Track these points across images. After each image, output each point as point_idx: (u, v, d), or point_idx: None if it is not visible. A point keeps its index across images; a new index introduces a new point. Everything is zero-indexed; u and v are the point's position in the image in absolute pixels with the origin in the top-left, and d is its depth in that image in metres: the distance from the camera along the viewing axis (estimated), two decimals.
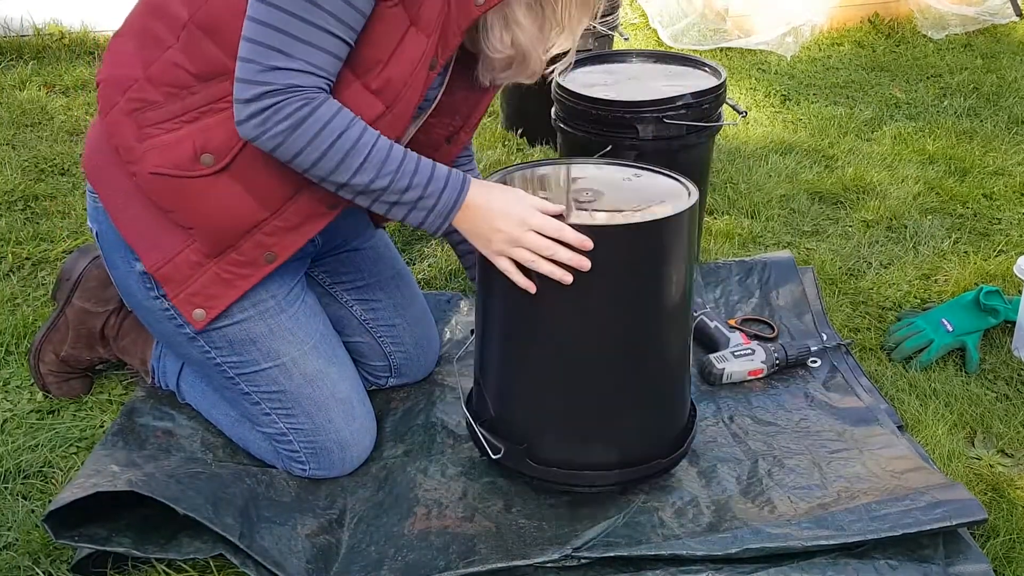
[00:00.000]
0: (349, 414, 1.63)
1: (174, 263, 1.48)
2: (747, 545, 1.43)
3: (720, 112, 2.25)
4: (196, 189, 1.44)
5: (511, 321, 1.51)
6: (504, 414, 1.57)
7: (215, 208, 1.45)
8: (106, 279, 1.79)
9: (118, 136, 1.46)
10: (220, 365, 1.58)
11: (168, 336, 1.59)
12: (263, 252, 1.49)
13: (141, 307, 1.58)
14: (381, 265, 1.81)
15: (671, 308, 1.50)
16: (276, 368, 1.57)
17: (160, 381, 1.79)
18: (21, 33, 3.78)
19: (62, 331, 1.81)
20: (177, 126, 1.42)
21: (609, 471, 1.54)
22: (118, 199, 1.49)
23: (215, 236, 1.47)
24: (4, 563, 1.47)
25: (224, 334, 1.55)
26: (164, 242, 1.48)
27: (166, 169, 1.43)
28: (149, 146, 1.43)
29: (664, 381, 1.56)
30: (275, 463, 1.66)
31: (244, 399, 1.61)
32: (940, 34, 4.21)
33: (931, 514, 1.48)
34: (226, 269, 1.49)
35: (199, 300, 1.50)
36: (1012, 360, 2.01)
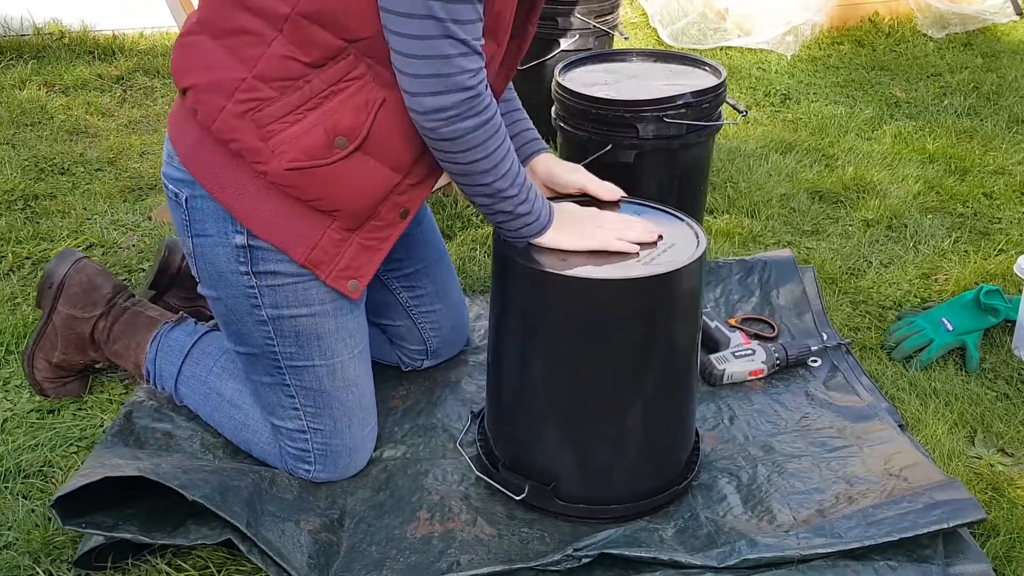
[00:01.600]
0: (365, 421, 1.66)
1: (321, 247, 1.49)
2: (744, 556, 1.44)
3: (720, 111, 2.24)
4: (336, 174, 1.44)
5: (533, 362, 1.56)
6: (525, 454, 1.60)
7: (356, 187, 1.46)
8: (88, 284, 1.78)
9: (237, 140, 1.42)
10: (275, 353, 1.58)
11: (237, 314, 1.56)
12: (398, 211, 1.53)
13: (222, 280, 1.54)
14: (427, 249, 1.85)
15: (685, 349, 1.55)
16: (325, 368, 1.59)
17: (156, 384, 1.79)
18: (21, 32, 3.78)
19: (51, 338, 1.80)
20: (300, 116, 1.40)
21: (631, 503, 1.58)
22: (247, 201, 1.46)
23: (356, 213, 1.49)
24: (4, 562, 1.47)
25: (295, 325, 1.55)
26: (306, 230, 1.48)
27: (302, 162, 1.42)
28: (277, 143, 1.41)
29: (681, 414, 1.61)
30: (277, 463, 1.67)
31: (281, 390, 1.61)
32: (940, 33, 4.21)
33: (929, 516, 1.48)
34: (367, 237, 1.52)
35: (350, 272, 1.52)
36: (1012, 359, 2.01)
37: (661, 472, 1.61)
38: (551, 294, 1.48)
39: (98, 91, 3.43)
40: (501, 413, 1.65)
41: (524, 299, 1.52)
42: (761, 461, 1.69)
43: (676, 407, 1.59)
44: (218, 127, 1.43)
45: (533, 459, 1.59)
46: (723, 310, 2.17)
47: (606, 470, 1.57)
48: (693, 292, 1.51)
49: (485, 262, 2.36)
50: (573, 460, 1.57)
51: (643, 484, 1.59)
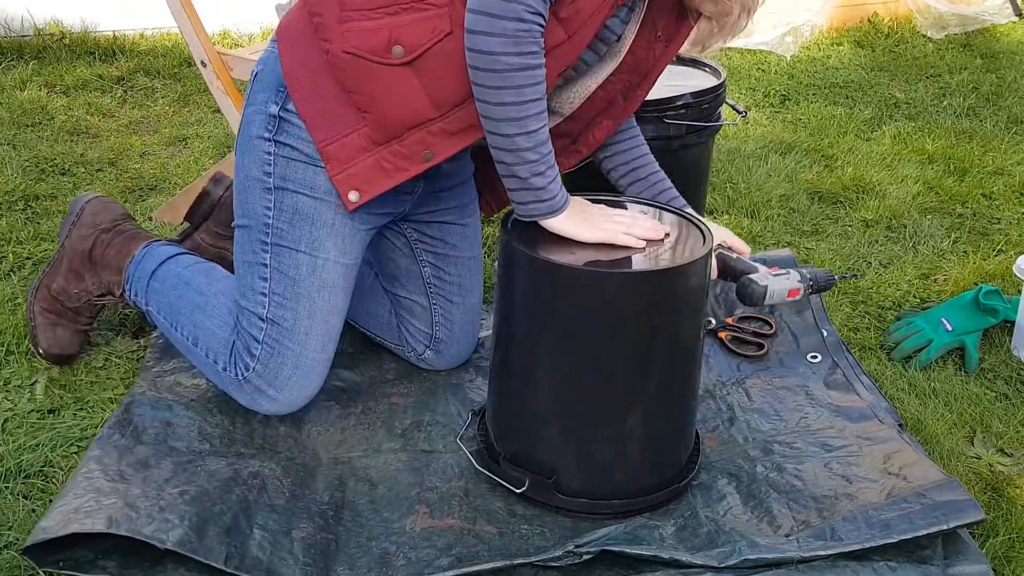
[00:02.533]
0: (322, 343, 1.67)
1: (342, 143, 1.56)
2: (745, 556, 1.45)
3: (720, 112, 2.25)
4: (381, 75, 1.52)
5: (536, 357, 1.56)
6: (527, 448, 1.61)
7: (393, 97, 1.52)
8: (100, 207, 1.92)
9: (320, 13, 1.55)
10: (268, 226, 1.64)
11: (249, 180, 1.64)
12: (423, 149, 1.56)
13: (249, 143, 1.64)
14: (464, 244, 1.88)
15: (688, 345, 1.55)
16: (308, 257, 1.63)
17: (131, 288, 1.85)
18: (21, 33, 3.78)
19: (57, 265, 1.91)
20: (378, 16, 1.51)
21: (631, 499, 1.58)
22: (303, 72, 1.57)
23: (385, 124, 1.54)
24: (5, 562, 1.47)
25: (296, 201, 1.61)
26: (337, 121, 1.56)
27: (359, 51, 1.52)
28: (347, 28, 1.52)
29: (684, 411, 1.62)
30: (219, 357, 1.71)
31: (258, 269, 1.65)
32: (939, 34, 4.21)
33: (928, 517, 1.48)
34: (387, 158, 1.56)
35: (357, 183, 1.57)
36: (1011, 360, 2.01)
37: (662, 468, 1.61)
38: (556, 286, 1.48)
39: (99, 92, 3.43)
40: (502, 406, 1.65)
41: (529, 291, 1.53)
42: (761, 461, 1.69)
43: (679, 403, 1.59)
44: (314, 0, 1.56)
45: (534, 453, 1.59)
46: (722, 308, 2.18)
47: (607, 465, 1.58)
48: (698, 289, 1.51)
49: (486, 263, 2.36)
50: (574, 454, 1.57)
51: (644, 480, 1.59)
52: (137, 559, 1.45)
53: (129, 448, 1.66)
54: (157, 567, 1.45)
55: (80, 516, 1.44)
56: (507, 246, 1.53)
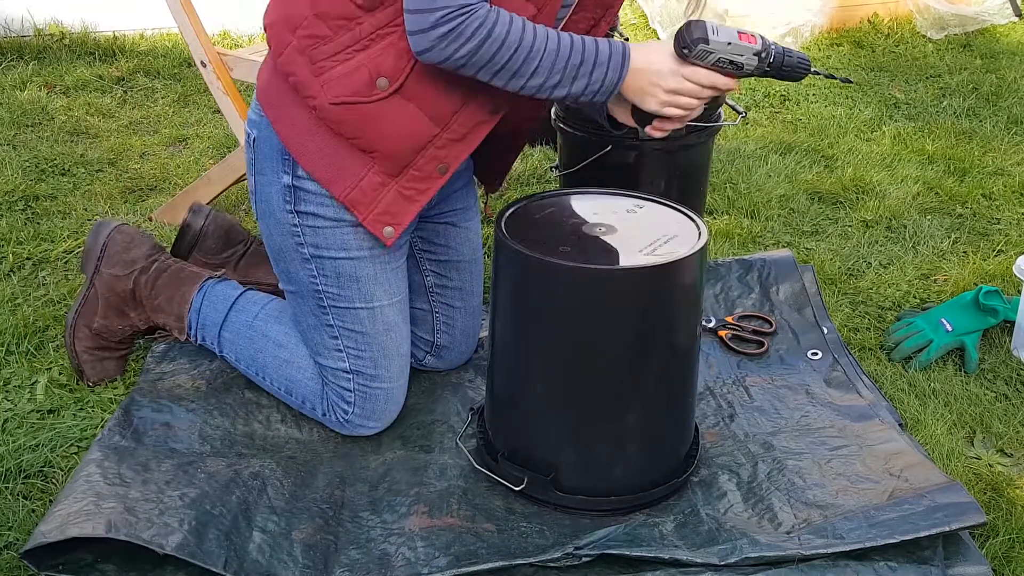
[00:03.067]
0: (402, 370, 1.74)
1: (360, 188, 1.56)
2: (746, 555, 1.45)
3: (720, 112, 2.25)
4: (375, 113, 1.52)
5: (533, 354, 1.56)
6: (525, 445, 1.61)
7: (393, 129, 1.53)
8: (127, 243, 1.88)
9: (294, 73, 1.54)
10: (319, 292, 1.67)
11: (284, 251, 1.67)
12: (437, 165, 1.57)
13: (272, 216, 1.65)
14: (467, 247, 1.89)
15: (685, 341, 1.55)
16: (366, 311, 1.67)
17: (197, 335, 1.85)
18: (21, 33, 3.78)
19: (92, 304, 1.87)
20: (349, 56, 1.50)
21: (630, 495, 1.59)
22: (298, 134, 1.57)
23: (393, 157, 1.55)
24: (5, 562, 1.47)
25: (336, 266, 1.64)
26: (348, 169, 1.56)
27: (346, 97, 1.51)
28: (326, 79, 1.51)
29: (681, 407, 1.62)
30: (316, 406, 1.75)
31: (326, 330, 1.70)
32: (939, 34, 4.21)
33: (930, 519, 1.48)
34: (406, 186, 1.57)
35: (387, 219, 1.58)
36: (1011, 360, 2.01)
37: (661, 464, 1.61)
38: (550, 283, 1.49)
39: (99, 92, 3.43)
40: (501, 405, 1.65)
41: (523, 288, 1.53)
42: (761, 458, 1.69)
43: (677, 399, 1.59)
44: (283, 60, 1.55)
45: (532, 451, 1.59)
46: (722, 307, 2.18)
47: (605, 461, 1.58)
48: (694, 285, 1.51)
49: (486, 262, 2.36)
50: (572, 451, 1.57)
51: (643, 476, 1.59)
52: (136, 562, 1.45)
53: (129, 451, 1.65)
54: (156, 570, 1.45)
55: (79, 520, 1.43)
56: (501, 244, 1.53)
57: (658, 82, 1.50)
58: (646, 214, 1.62)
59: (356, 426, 1.73)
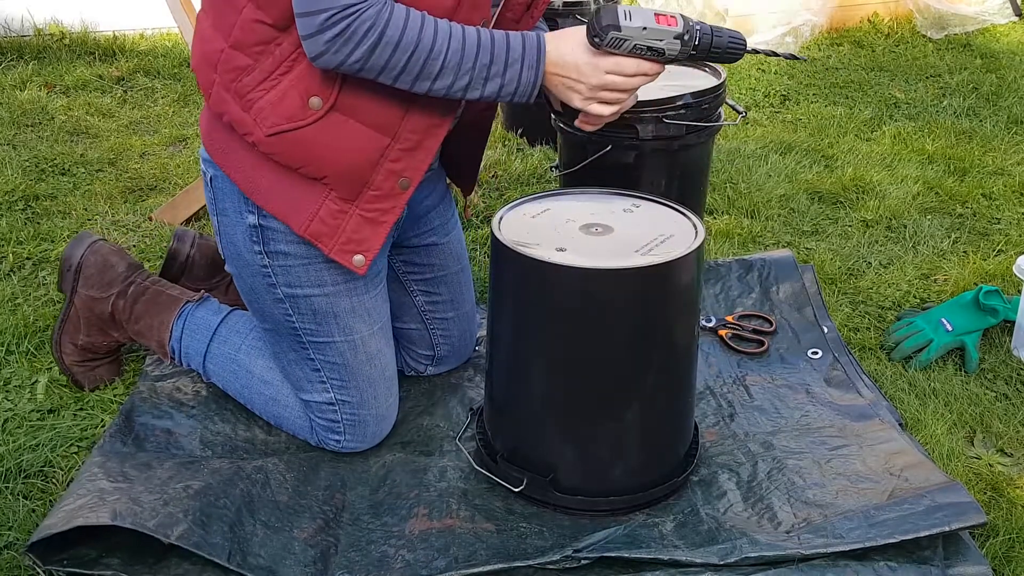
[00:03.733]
0: (388, 391, 1.72)
1: (319, 218, 1.50)
2: (745, 554, 1.45)
3: (720, 112, 2.25)
4: (315, 135, 1.45)
5: (531, 354, 1.56)
6: (524, 446, 1.61)
7: (337, 149, 1.45)
8: (103, 265, 1.82)
9: (227, 112, 1.47)
10: (296, 330, 1.63)
11: (256, 292, 1.62)
12: (397, 180, 1.50)
13: (240, 259, 1.60)
14: (451, 260, 1.87)
15: (683, 340, 1.55)
16: (346, 343, 1.64)
17: (181, 361, 1.82)
18: (21, 33, 3.78)
19: (74, 321, 1.84)
20: (275, 82, 1.43)
21: (629, 495, 1.59)
22: (246, 172, 1.51)
23: (346, 178, 1.48)
24: (5, 562, 1.47)
25: (311, 304, 1.60)
26: (304, 201, 1.49)
27: (280, 126, 1.44)
28: (257, 111, 1.44)
29: (680, 406, 1.62)
30: (308, 438, 1.73)
31: (306, 364, 1.66)
32: (939, 34, 4.21)
33: (930, 519, 1.48)
34: (367, 209, 1.51)
35: (352, 247, 1.52)
36: (1011, 360, 2.01)
37: (660, 464, 1.61)
38: (549, 284, 1.48)
39: (99, 92, 3.43)
40: (500, 406, 1.65)
41: (521, 289, 1.53)
42: (761, 458, 1.69)
43: (675, 398, 1.59)
44: (213, 101, 1.49)
45: (532, 451, 1.59)
46: (722, 306, 2.18)
47: (605, 462, 1.58)
48: (691, 284, 1.51)
49: (485, 262, 2.36)
50: (572, 452, 1.57)
51: (642, 476, 1.59)
52: (141, 556, 1.45)
53: (131, 455, 1.66)
54: (161, 563, 1.45)
55: (84, 512, 1.44)
56: (498, 245, 1.53)
57: (578, 79, 1.43)
58: (643, 213, 1.62)
59: (352, 448, 1.71)
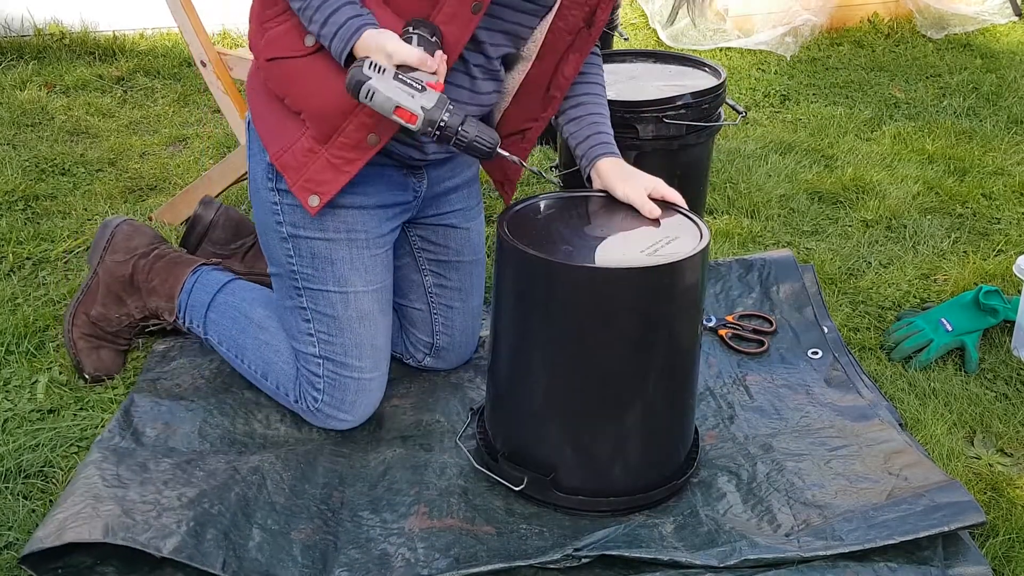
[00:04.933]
0: (376, 363, 1.73)
1: (292, 151, 1.59)
2: (745, 556, 1.45)
3: (720, 112, 2.25)
4: (302, 69, 1.56)
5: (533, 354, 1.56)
6: (525, 446, 1.61)
7: (317, 88, 1.55)
8: (132, 232, 1.94)
9: (253, 40, 1.62)
10: (295, 272, 1.69)
11: (266, 229, 1.70)
12: (366, 133, 1.56)
13: (257, 195, 1.70)
14: (467, 249, 1.89)
15: (686, 342, 1.55)
16: (339, 295, 1.68)
17: (185, 317, 1.88)
18: (21, 33, 3.78)
19: (93, 292, 1.91)
20: (288, 16, 1.56)
21: (629, 496, 1.58)
22: (255, 97, 1.66)
23: (321, 118, 1.56)
24: (5, 562, 1.47)
25: (311, 246, 1.66)
26: (284, 132, 1.60)
27: (277, 53, 1.57)
28: (268, 38, 1.59)
29: (682, 408, 1.62)
30: (290, 391, 1.76)
31: (299, 313, 1.71)
32: (939, 34, 4.21)
33: (929, 519, 1.48)
34: (335, 154, 1.58)
35: (312, 186, 1.59)
36: (1011, 360, 2.01)
37: (661, 466, 1.61)
38: (552, 283, 1.49)
39: (98, 92, 3.43)
40: (501, 405, 1.65)
41: (524, 288, 1.53)
42: (761, 460, 1.69)
43: (677, 400, 1.59)
44: (250, 29, 1.63)
45: (532, 451, 1.59)
46: (723, 306, 2.18)
47: (605, 462, 1.58)
48: (695, 285, 1.51)
49: (489, 262, 2.36)
50: (572, 452, 1.57)
51: (643, 477, 1.59)
52: (136, 564, 1.45)
53: (128, 451, 1.66)
54: (156, 571, 1.45)
55: (76, 524, 1.43)
56: (503, 244, 1.53)
57: None
58: None
59: (327, 416, 1.73)
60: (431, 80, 1.47)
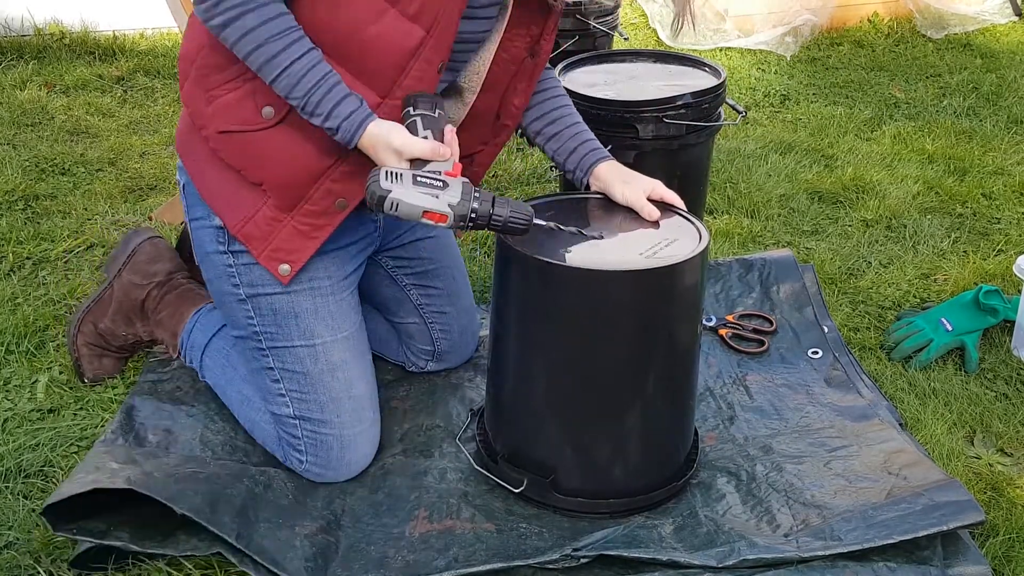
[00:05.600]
0: (357, 415, 1.65)
1: (254, 221, 1.53)
2: (743, 557, 1.45)
3: (720, 112, 2.25)
4: (261, 142, 1.49)
5: (533, 356, 1.56)
6: (525, 447, 1.61)
7: (280, 160, 1.49)
8: (155, 255, 1.89)
9: (191, 104, 1.53)
10: (257, 333, 1.62)
11: (221, 293, 1.64)
12: (334, 200, 1.52)
13: (208, 260, 1.63)
14: (442, 254, 1.86)
15: (685, 344, 1.55)
16: (306, 349, 1.61)
17: (186, 356, 1.85)
18: (21, 33, 3.78)
19: (106, 303, 1.88)
20: (238, 84, 1.47)
21: (629, 498, 1.58)
22: (199, 166, 1.56)
23: (285, 189, 1.51)
24: (5, 562, 1.47)
25: (271, 303, 1.59)
26: (242, 202, 1.53)
27: (232, 126, 1.49)
28: (215, 107, 1.49)
29: (682, 410, 1.62)
30: (275, 451, 1.68)
31: (267, 373, 1.65)
32: (939, 34, 4.21)
33: (928, 518, 1.48)
34: (302, 222, 1.53)
35: (282, 255, 1.54)
36: (1011, 359, 2.01)
37: (660, 467, 1.61)
38: (552, 285, 1.49)
39: (99, 91, 3.43)
40: (501, 407, 1.65)
41: (524, 290, 1.53)
42: (760, 461, 1.69)
43: (677, 402, 1.60)
44: (184, 92, 1.54)
45: (532, 453, 1.59)
46: (723, 306, 2.18)
47: (605, 464, 1.58)
48: (695, 288, 1.51)
49: (485, 262, 2.36)
50: (572, 454, 1.57)
51: (642, 479, 1.59)
52: (149, 532, 1.46)
53: (133, 448, 1.67)
54: (169, 539, 1.46)
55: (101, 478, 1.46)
56: (502, 246, 1.53)
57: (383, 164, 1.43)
58: None
59: (315, 475, 1.65)
60: (448, 167, 1.43)
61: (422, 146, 1.41)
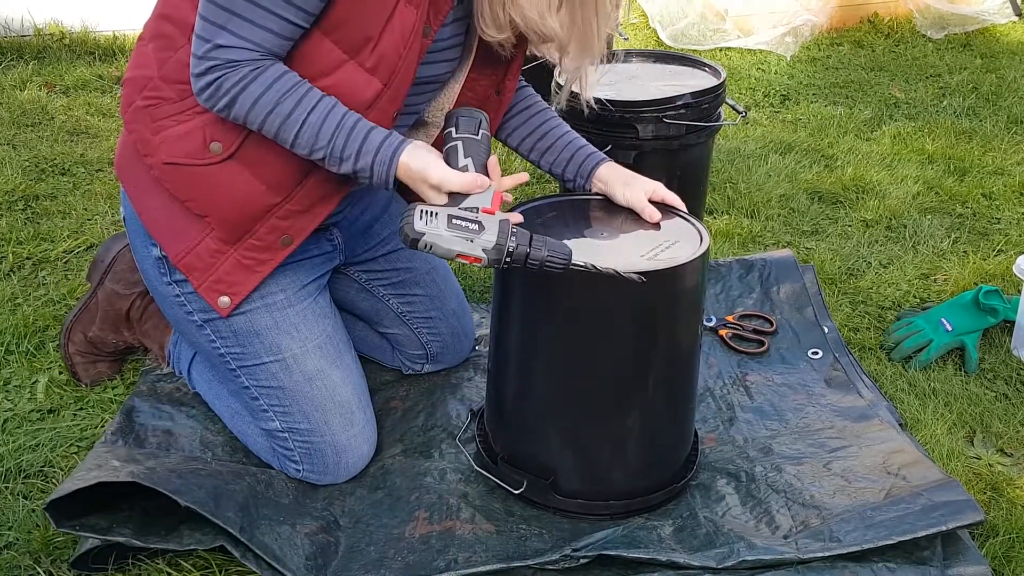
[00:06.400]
0: (347, 419, 1.63)
1: (196, 252, 1.52)
2: (743, 558, 1.45)
3: (720, 112, 2.25)
4: (207, 177, 1.47)
5: (534, 358, 1.56)
6: (525, 449, 1.61)
7: (226, 195, 1.48)
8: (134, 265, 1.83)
9: (136, 131, 1.51)
10: (224, 356, 1.60)
11: (178, 322, 1.63)
12: (279, 236, 1.51)
13: (156, 291, 1.62)
14: (416, 261, 1.84)
15: (686, 345, 1.55)
16: (277, 363, 1.59)
17: (175, 367, 1.85)
18: (21, 33, 3.78)
19: (92, 312, 1.88)
20: (188, 117, 1.47)
21: (629, 499, 1.58)
22: (141, 192, 1.54)
23: (230, 223, 1.50)
24: (5, 562, 1.47)
25: (229, 324, 1.57)
26: (185, 232, 1.52)
27: (178, 158, 1.47)
28: (162, 138, 1.48)
29: (682, 412, 1.62)
30: (271, 461, 1.68)
31: (244, 393, 1.63)
32: (939, 34, 4.21)
33: (927, 518, 1.48)
34: (245, 255, 1.52)
35: (223, 287, 1.53)
36: (1011, 360, 2.01)
37: (660, 469, 1.61)
38: (552, 287, 1.48)
39: (98, 92, 3.43)
40: (501, 408, 1.65)
41: (525, 292, 1.53)
42: (760, 462, 1.69)
43: (677, 404, 1.59)
44: (127, 118, 1.53)
45: (532, 454, 1.59)
46: (723, 306, 2.18)
47: (605, 466, 1.58)
48: (695, 289, 1.51)
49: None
50: (572, 455, 1.57)
51: (642, 481, 1.59)
52: (151, 528, 1.47)
53: (133, 449, 1.67)
54: (172, 534, 1.47)
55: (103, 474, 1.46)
56: None
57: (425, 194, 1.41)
58: None
59: (316, 480, 1.64)
60: (487, 200, 1.39)
61: (460, 180, 1.38)
